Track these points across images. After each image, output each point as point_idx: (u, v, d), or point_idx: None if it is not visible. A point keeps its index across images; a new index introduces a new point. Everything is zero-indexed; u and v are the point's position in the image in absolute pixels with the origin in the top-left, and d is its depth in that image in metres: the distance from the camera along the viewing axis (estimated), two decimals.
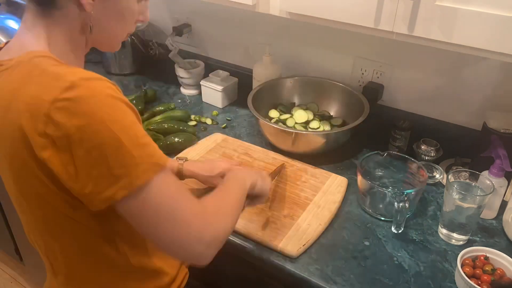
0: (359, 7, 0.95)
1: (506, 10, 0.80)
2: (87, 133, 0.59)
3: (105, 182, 0.61)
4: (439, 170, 1.19)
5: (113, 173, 0.61)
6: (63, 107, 0.59)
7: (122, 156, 0.61)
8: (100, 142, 0.60)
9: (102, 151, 0.60)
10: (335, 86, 1.40)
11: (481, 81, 1.20)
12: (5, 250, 2.11)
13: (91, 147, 0.60)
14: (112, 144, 0.60)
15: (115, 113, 0.61)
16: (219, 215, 0.75)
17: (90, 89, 0.61)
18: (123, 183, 0.61)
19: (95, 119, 0.59)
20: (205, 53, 1.75)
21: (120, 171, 0.61)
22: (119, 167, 0.61)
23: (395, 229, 1.00)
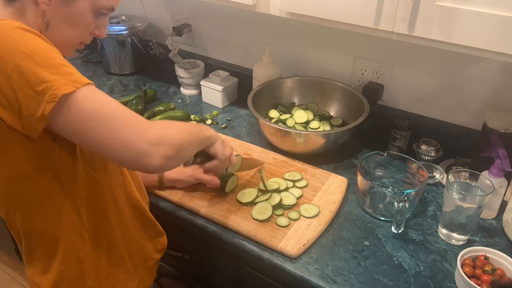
0: (359, 7, 0.95)
1: (506, 10, 0.80)
2: (2, 59, 0.63)
3: (32, 101, 0.64)
4: (439, 170, 1.19)
5: (37, 91, 0.64)
6: None
7: (41, 73, 0.64)
8: (16, 64, 0.63)
9: (21, 73, 0.63)
10: (335, 86, 1.40)
11: (481, 81, 1.20)
12: (5, 250, 2.11)
13: (10, 71, 0.63)
14: (28, 65, 0.63)
15: (28, 39, 0.65)
16: (165, 125, 0.77)
17: (2, 23, 0.65)
18: (47, 97, 0.64)
19: (8, 45, 0.63)
20: (205, 53, 1.75)
21: (42, 86, 0.64)
22: (39, 83, 0.64)
23: (395, 229, 1.00)
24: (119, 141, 0.68)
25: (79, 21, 0.78)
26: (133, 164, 0.72)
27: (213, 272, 1.19)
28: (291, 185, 1.14)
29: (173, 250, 1.17)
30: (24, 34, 0.66)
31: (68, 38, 0.79)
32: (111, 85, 1.73)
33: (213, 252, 1.12)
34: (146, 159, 0.70)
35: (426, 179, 1.04)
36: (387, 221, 1.05)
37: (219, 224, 1.04)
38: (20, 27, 0.66)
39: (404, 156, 1.11)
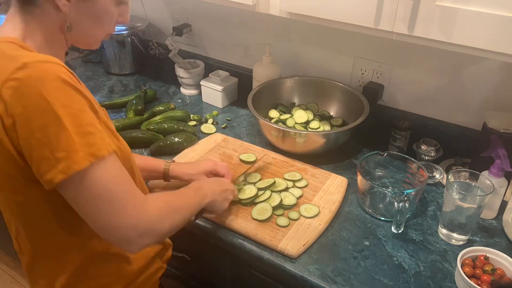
0: (359, 7, 0.95)
1: (506, 10, 0.80)
2: (32, 114, 0.61)
3: (46, 164, 0.64)
4: (439, 170, 1.19)
5: (54, 156, 0.63)
6: (12, 86, 0.61)
7: (63, 140, 0.63)
8: (43, 124, 0.62)
9: (45, 134, 0.62)
10: (335, 86, 1.40)
11: (481, 81, 1.20)
12: (5, 250, 2.11)
13: (35, 128, 0.62)
14: (55, 128, 0.62)
15: (63, 98, 0.63)
16: (162, 214, 0.76)
17: (41, 70, 0.62)
18: (62, 166, 0.63)
19: (42, 101, 0.61)
20: (205, 53, 1.75)
21: (61, 154, 0.63)
22: (60, 150, 0.63)
23: (395, 229, 1.00)
24: (111, 227, 0.70)
25: (103, 16, 0.76)
26: (113, 244, 0.74)
27: (213, 272, 1.19)
28: (291, 185, 1.14)
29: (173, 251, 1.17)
30: (61, 89, 0.63)
31: (94, 34, 0.78)
32: (111, 85, 1.73)
33: (213, 252, 1.12)
34: (128, 247, 0.72)
35: (426, 179, 1.04)
36: (387, 221, 1.05)
37: (219, 224, 1.04)
38: (59, 78, 0.64)
39: (404, 156, 1.11)
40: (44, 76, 0.62)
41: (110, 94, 1.66)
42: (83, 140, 0.65)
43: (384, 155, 1.12)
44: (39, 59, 0.64)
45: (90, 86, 1.71)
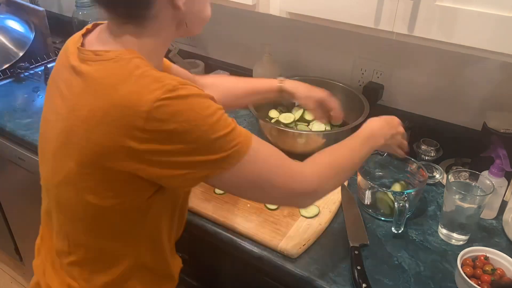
0: (359, 7, 0.95)
1: (506, 10, 0.80)
2: (187, 128, 0.65)
3: (203, 166, 0.68)
4: (439, 170, 1.19)
5: (210, 159, 0.67)
6: (165, 105, 0.63)
7: (220, 144, 0.67)
8: (199, 135, 0.65)
9: (202, 143, 0.66)
10: (335, 86, 1.40)
11: (481, 81, 1.20)
12: (5, 250, 2.11)
13: (191, 140, 0.65)
14: (210, 136, 0.66)
15: (208, 108, 0.67)
16: (320, 177, 0.80)
17: (187, 90, 0.66)
18: (219, 163, 0.68)
19: (194, 116, 0.65)
20: (205, 53, 1.75)
21: (217, 155, 0.67)
22: (217, 152, 0.67)
23: (395, 229, 1.00)
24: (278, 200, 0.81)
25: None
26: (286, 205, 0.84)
27: (213, 272, 1.19)
28: None
29: None
30: (204, 102, 0.67)
31: (205, 15, 0.79)
32: None
33: (213, 252, 1.12)
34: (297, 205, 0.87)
35: (426, 179, 1.03)
36: (387, 221, 1.05)
37: (219, 224, 1.04)
38: (199, 94, 0.67)
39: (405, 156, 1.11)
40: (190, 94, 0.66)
41: None
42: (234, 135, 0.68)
43: (384, 155, 1.12)
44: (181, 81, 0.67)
45: None
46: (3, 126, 1.42)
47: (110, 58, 0.68)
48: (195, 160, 0.67)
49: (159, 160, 0.66)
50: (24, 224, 1.74)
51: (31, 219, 1.65)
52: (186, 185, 0.78)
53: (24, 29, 1.77)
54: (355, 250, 0.94)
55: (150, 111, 0.63)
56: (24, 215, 1.68)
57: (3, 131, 1.43)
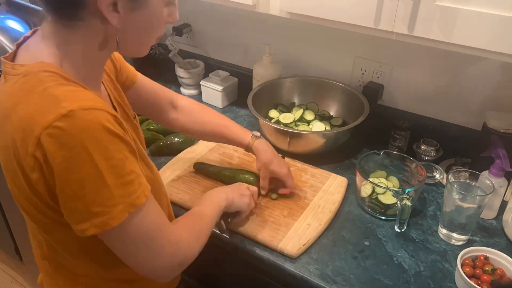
0: (359, 7, 0.95)
1: (506, 10, 0.80)
2: (72, 166, 0.59)
3: (79, 216, 0.63)
4: (439, 170, 1.19)
5: (89, 210, 0.62)
6: (54, 134, 0.58)
7: (102, 195, 0.61)
8: (82, 177, 0.60)
9: (83, 188, 0.60)
10: (335, 86, 1.40)
11: (481, 81, 1.20)
12: (5, 250, 2.11)
13: (73, 180, 0.60)
14: (95, 182, 0.60)
15: (106, 150, 0.60)
16: (191, 242, 0.79)
17: (86, 121, 0.59)
18: (97, 221, 0.62)
19: (83, 154, 0.59)
20: (205, 53, 1.75)
21: (97, 209, 0.62)
22: (97, 205, 0.62)
23: (398, 228, 1.00)
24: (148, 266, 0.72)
25: (154, 21, 0.70)
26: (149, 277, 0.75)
27: (213, 272, 1.19)
28: None
29: None
30: (105, 141, 0.60)
31: (145, 42, 0.73)
32: None
33: (213, 252, 1.12)
34: (160, 279, 0.75)
35: (425, 177, 1.03)
36: (387, 221, 1.05)
37: None
38: (103, 129, 0.60)
39: (403, 155, 1.11)
40: (88, 127, 0.59)
41: None
42: (124, 191, 0.63)
43: (380, 154, 1.12)
44: (85, 105, 0.59)
45: None
46: None
47: (20, 73, 0.63)
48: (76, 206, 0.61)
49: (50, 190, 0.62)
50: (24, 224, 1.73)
51: None
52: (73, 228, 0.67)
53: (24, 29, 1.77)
54: None
55: (41, 138, 0.58)
56: None
57: None
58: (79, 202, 0.61)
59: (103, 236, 0.66)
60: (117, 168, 0.62)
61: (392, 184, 1.12)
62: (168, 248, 0.72)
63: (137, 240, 0.68)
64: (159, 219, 0.72)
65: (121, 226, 0.64)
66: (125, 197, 0.63)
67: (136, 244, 0.68)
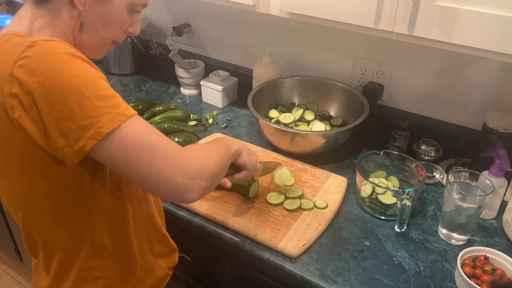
0: (359, 7, 0.95)
1: (506, 10, 0.80)
2: (49, 88, 0.62)
3: (73, 135, 0.63)
4: (439, 170, 1.19)
5: (79, 125, 0.63)
6: (24, 64, 0.62)
7: (86, 108, 0.63)
8: (62, 95, 0.62)
9: (66, 105, 0.62)
10: (335, 86, 1.40)
11: (481, 81, 1.20)
12: (5, 250, 2.11)
13: (54, 101, 0.62)
14: (75, 97, 0.62)
15: (75, 68, 0.64)
16: (202, 154, 0.76)
17: (50, 46, 0.64)
18: (90, 133, 0.63)
19: (56, 74, 0.62)
20: (205, 53, 1.75)
21: (86, 122, 0.63)
22: (84, 118, 0.63)
23: (398, 228, 1.00)
24: (160, 176, 0.68)
25: (114, 20, 0.76)
26: (171, 197, 0.72)
27: (213, 272, 1.19)
28: None
29: None
30: (71, 61, 0.64)
31: (102, 38, 0.78)
32: (111, 85, 1.71)
33: (213, 252, 1.12)
34: (185, 194, 0.70)
35: (424, 177, 1.03)
36: (387, 221, 1.05)
37: (219, 224, 1.04)
38: (68, 53, 0.65)
39: (403, 155, 1.11)
40: (53, 52, 0.63)
41: None
42: (107, 103, 0.65)
43: (380, 154, 1.12)
44: (46, 38, 0.65)
45: None
46: None
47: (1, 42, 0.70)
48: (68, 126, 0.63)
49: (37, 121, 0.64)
50: None
51: None
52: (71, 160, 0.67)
53: None
54: None
55: (13, 73, 0.62)
56: None
57: None
58: (67, 120, 0.63)
59: (103, 150, 0.65)
60: (91, 83, 0.65)
61: (392, 184, 1.12)
62: (173, 154, 0.69)
63: (137, 145, 0.66)
64: (156, 131, 0.70)
65: (114, 134, 0.64)
66: (110, 107, 0.65)
67: (137, 152, 0.66)
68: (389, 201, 1.03)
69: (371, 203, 1.06)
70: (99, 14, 0.74)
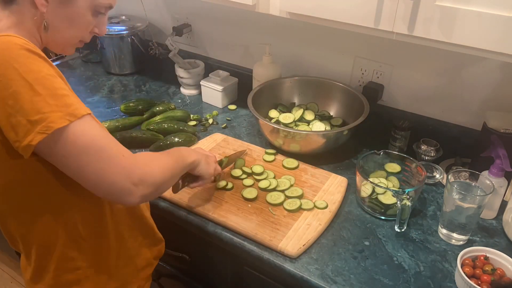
0: (359, 7, 0.95)
1: (506, 10, 0.80)
2: (2, 83, 0.62)
3: (23, 129, 0.64)
4: (439, 170, 1.19)
5: (30, 120, 0.64)
6: None
7: (37, 103, 0.64)
8: (14, 90, 0.63)
9: (18, 100, 0.63)
10: (335, 86, 1.40)
11: (481, 81, 1.20)
12: (5, 250, 2.11)
13: (6, 96, 0.63)
14: (27, 93, 0.63)
15: (30, 64, 0.65)
16: (149, 162, 0.77)
17: (5, 42, 0.64)
18: (40, 128, 0.64)
19: (9, 69, 0.63)
20: (205, 53, 1.75)
21: (36, 117, 0.64)
22: (35, 113, 0.63)
23: (398, 228, 1.00)
24: (104, 179, 0.70)
25: (78, 21, 0.78)
26: (113, 199, 0.75)
27: (213, 272, 1.19)
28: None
29: (173, 250, 1.17)
30: (28, 57, 0.65)
31: (68, 38, 0.80)
32: (111, 85, 1.73)
33: (213, 252, 1.12)
34: (126, 197, 0.72)
35: (424, 177, 1.03)
36: (387, 221, 1.05)
37: (219, 224, 1.04)
38: (24, 48, 0.65)
39: (403, 155, 1.11)
40: (8, 47, 0.64)
41: (110, 94, 1.66)
42: (59, 101, 0.66)
43: (380, 154, 1.12)
44: (3, 34, 0.66)
45: (90, 86, 1.71)
46: None
47: None
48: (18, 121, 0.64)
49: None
50: None
51: None
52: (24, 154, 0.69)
53: None
54: None
55: None
56: None
57: None
58: (18, 115, 0.63)
59: (50, 147, 0.66)
60: (45, 80, 0.65)
61: (392, 184, 1.12)
62: (119, 158, 0.70)
63: (85, 146, 0.67)
64: (106, 133, 0.72)
65: (64, 130, 0.65)
66: (62, 106, 0.65)
67: (84, 151, 0.67)
68: (389, 201, 1.03)
69: (371, 203, 1.06)
70: (62, 16, 0.76)
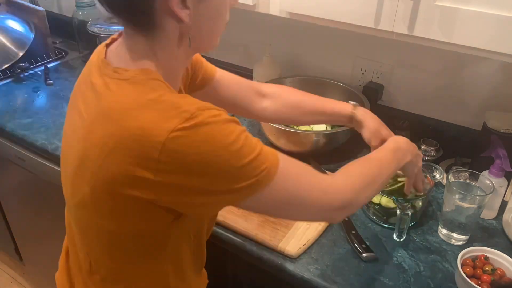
0: (359, 7, 0.95)
1: (506, 10, 0.80)
2: (208, 158, 0.60)
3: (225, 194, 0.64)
4: (439, 170, 1.19)
5: (235, 188, 0.63)
6: (183, 135, 0.59)
7: (244, 172, 0.63)
8: (221, 166, 0.61)
9: (224, 173, 0.62)
10: (335, 86, 1.40)
11: (481, 81, 1.20)
12: (5, 250, 2.11)
13: (213, 171, 0.61)
14: (232, 165, 0.62)
15: (231, 135, 0.62)
16: (353, 187, 0.75)
17: (207, 116, 0.61)
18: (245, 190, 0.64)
19: (215, 145, 0.61)
20: (205, 53, 1.75)
21: (243, 183, 0.63)
22: (242, 180, 0.63)
23: (397, 237, 0.99)
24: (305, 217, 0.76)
25: (221, 8, 0.74)
26: None
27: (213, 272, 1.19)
28: None
29: None
30: (227, 129, 0.62)
31: (217, 31, 0.75)
32: None
33: (213, 252, 1.12)
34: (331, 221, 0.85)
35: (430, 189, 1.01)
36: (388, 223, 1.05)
37: (219, 224, 1.04)
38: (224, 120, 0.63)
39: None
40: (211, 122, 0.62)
41: None
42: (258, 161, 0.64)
43: None
44: (200, 106, 0.62)
45: None
46: (3, 126, 1.42)
47: (127, 79, 0.65)
48: (219, 189, 0.63)
49: (177, 190, 0.62)
50: (24, 224, 1.74)
51: (31, 219, 1.65)
52: (208, 212, 0.75)
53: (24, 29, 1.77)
54: None
55: (166, 142, 0.59)
56: (24, 215, 1.68)
57: (3, 131, 1.43)
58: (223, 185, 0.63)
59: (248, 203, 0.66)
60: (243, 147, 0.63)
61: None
62: (319, 197, 0.71)
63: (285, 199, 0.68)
64: (303, 170, 0.71)
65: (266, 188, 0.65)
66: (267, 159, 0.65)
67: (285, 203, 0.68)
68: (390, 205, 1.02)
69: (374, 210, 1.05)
70: (205, 14, 0.70)
